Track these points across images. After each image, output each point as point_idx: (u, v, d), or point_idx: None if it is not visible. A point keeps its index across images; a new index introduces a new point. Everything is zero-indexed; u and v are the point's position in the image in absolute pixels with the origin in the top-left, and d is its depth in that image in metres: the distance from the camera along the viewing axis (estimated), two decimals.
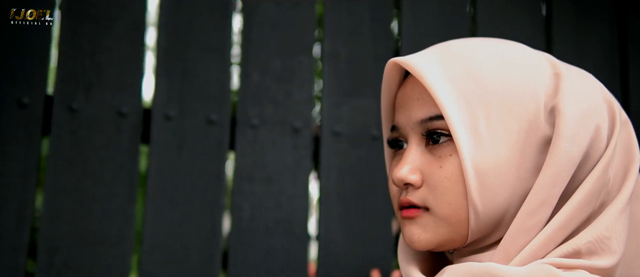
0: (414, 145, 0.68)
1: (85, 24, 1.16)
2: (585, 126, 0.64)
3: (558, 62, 0.67)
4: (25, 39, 1.12)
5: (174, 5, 1.21)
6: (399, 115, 0.70)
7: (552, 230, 0.63)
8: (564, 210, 0.63)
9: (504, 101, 0.64)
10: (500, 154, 0.64)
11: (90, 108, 1.14)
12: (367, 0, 1.31)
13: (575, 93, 0.65)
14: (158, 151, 1.17)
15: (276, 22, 1.26)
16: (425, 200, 0.67)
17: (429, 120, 0.66)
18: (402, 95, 0.71)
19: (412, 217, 0.67)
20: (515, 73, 0.66)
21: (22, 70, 1.11)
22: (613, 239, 0.63)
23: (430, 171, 0.66)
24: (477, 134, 0.64)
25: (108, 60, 1.16)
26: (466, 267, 0.63)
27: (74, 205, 1.10)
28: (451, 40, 0.71)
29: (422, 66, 0.66)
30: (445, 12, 1.34)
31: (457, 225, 0.66)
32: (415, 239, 0.67)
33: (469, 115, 0.64)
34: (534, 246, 0.63)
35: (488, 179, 0.63)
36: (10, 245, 1.06)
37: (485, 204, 0.64)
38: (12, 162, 1.08)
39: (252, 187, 1.20)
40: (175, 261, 1.13)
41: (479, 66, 0.66)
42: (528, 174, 0.64)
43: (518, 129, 0.64)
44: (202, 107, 1.20)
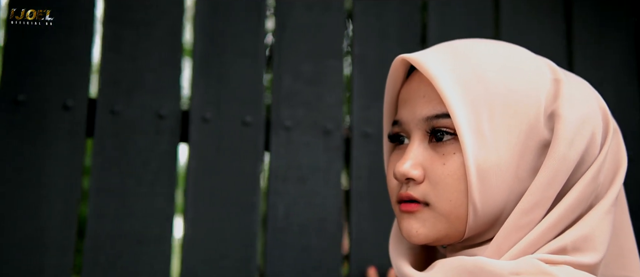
0: (417, 141, 0.70)
1: (125, 28, 1.20)
2: (582, 132, 0.67)
3: (557, 67, 0.71)
4: (69, 44, 1.16)
5: (210, 11, 1.26)
6: (403, 111, 0.73)
7: (543, 229, 0.66)
8: (555, 210, 0.66)
9: (507, 103, 0.67)
10: (501, 154, 0.66)
11: (131, 111, 1.18)
12: (395, 5, 1.36)
13: (574, 99, 0.68)
14: (196, 152, 1.21)
15: (307, 26, 1.31)
16: (426, 195, 0.69)
17: (434, 118, 0.69)
18: (407, 91, 0.73)
19: (411, 211, 0.70)
20: (518, 77, 0.68)
21: (66, 74, 1.16)
22: (597, 238, 0.67)
23: (433, 167, 0.69)
24: (480, 134, 0.66)
25: (147, 64, 1.21)
26: (456, 261, 0.66)
27: (117, 205, 1.15)
28: (456, 40, 0.73)
29: (431, 65, 0.68)
30: (469, 17, 1.39)
31: (456, 221, 0.68)
32: (414, 233, 0.70)
33: (474, 115, 0.67)
34: (524, 243, 0.66)
35: (488, 179, 0.66)
36: (58, 244, 1.10)
37: (484, 202, 0.66)
38: (58, 163, 1.13)
39: (286, 187, 1.24)
40: (214, 258, 1.18)
41: (485, 68, 0.68)
42: (525, 175, 0.67)
43: (519, 131, 0.67)
44: (237, 110, 1.24)
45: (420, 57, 0.70)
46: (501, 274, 0.63)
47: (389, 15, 1.36)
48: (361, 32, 1.34)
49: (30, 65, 1.14)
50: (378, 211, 1.27)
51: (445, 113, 0.68)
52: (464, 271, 0.65)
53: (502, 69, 0.68)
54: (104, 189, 1.15)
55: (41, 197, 1.11)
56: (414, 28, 1.37)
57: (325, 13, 1.32)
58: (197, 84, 1.23)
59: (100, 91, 1.18)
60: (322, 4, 1.32)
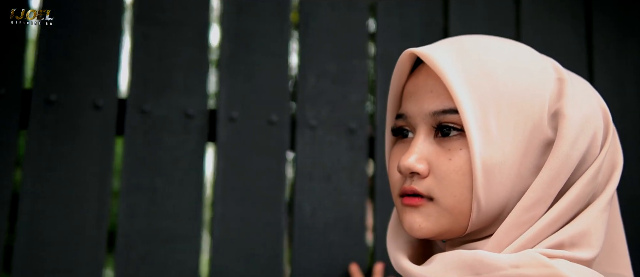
0: (422, 135, 0.71)
1: (154, 28, 1.22)
2: (585, 132, 0.69)
3: (560, 67, 0.72)
4: (99, 45, 1.18)
5: (236, 11, 1.27)
6: (409, 105, 0.73)
7: (543, 225, 0.68)
8: (555, 208, 0.68)
9: (514, 101, 0.68)
10: (506, 152, 0.67)
11: (160, 110, 1.20)
12: (417, 5, 1.38)
13: (577, 99, 0.70)
14: (223, 151, 1.23)
15: (331, 26, 1.33)
16: (430, 190, 0.70)
17: (441, 113, 0.69)
18: (414, 85, 0.73)
19: (415, 205, 0.70)
20: (524, 75, 0.69)
21: (96, 74, 1.17)
22: (593, 235, 0.69)
23: (439, 162, 0.69)
24: (487, 131, 0.67)
25: (176, 63, 1.22)
26: (456, 254, 0.67)
27: (147, 203, 1.17)
28: (463, 36, 0.74)
29: (440, 60, 0.69)
30: (491, 18, 1.41)
31: (459, 216, 0.69)
32: (417, 227, 0.70)
33: (481, 112, 0.67)
34: (524, 239, 0.67)
35: (493, 176, 0.67)
36: (91, 241, 1.12)
37: (488, 198, 0.67)
38: (90, 162, 1.15)
39: (311, 186, 1.26)
40: (242, 256, 1.20)
41: (493, 65, 0.69)
42: (528, 173, 0.68)
43: (524, 129, 0.68)
44: (263, 109, 1.26)
45: (430, 51, 0.70)
46: (502, 267, 0.64)
47: (412, 15, 1.37)
48: (384, 31, 1.36)
49: (62, 65, 1.16)
50: None
51: (453, 109, 0.69)
52: (463, 264, 0.66)
53: (509, 66, 0.69)
54: (134, 187, 1.17)
55: (75, 195, 1.13)
56: (435, 28, 1.39)
57: (349, 13, 1.34)
58: (223, 83, 1.25)
59: (130, 91, 1.20)
60: (346, 4, 1.34)
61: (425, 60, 0.70)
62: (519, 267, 0.64)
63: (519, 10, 1.43)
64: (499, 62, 0.69)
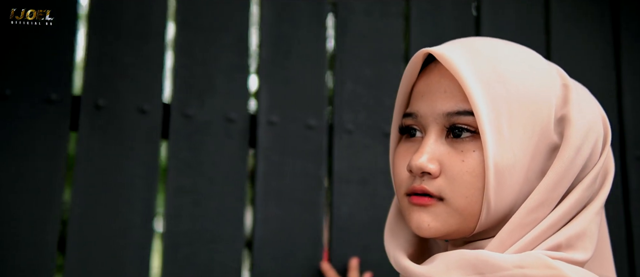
0: (433, 135, 0.71)
1: (196, 34, 1.26)
2: (589, 138, 0.71)
3: (564, 73, 0.73)
4: (144, 51, 1.22)
5: (275, 18, 1.31)
6: (420, 104, 0.73)
7: (545, 227, 0.69)
8: (557, 211, 0.70)
9: (525, 105, 0.69)
10: (516, 155, 0.68)
11: (203, 114, 1.24)
12: (449, 12, 1.41)
13: (582, 105, 0.72)
14: (264, 155, 1.27)
15: (366, 32, 1.37)
16: (441, 190, 0.70)
17: (455, 114, 0.70)
18: (426, 84, 0.74)
19: (424, 205, 0.71)
20: (535, 79, 0.71)
21: (142, 79, 1.21)
22: (588, 237, 0.71)
23: (451, 163, 0.70)
24: (500, 134, 0.68)
25: (217, 69, 1.26)
26: (458, 254, 0.68)
27: (191, 205, 1.21)
28: (474, 38, 0.75)
29: (457, 62, 0.69)
30: (521, 24, 1.44)
31: (469, 218, 0.70)
32: (425, 226, 0.71)
33: (495, 115, 0.68)
34: (527, 240, 0.69)
35: (504, 178, 0.68)
36: (138, 242, 1.17)
37: (497, 200, 0.69)
38: (136, 164, 1.19)
39: (348, 189, 1.30)
40: (282, 256, 1.24)
41: (505, 69, 0.70)
42: (534, 176, 0.70)
43: (532, 133, 0.69)
44: (301, 113, 1.30)
45: (446, 52, 0.71)
46: (506, 267, 0.65)
47: (445, 21, 1.41)
48: (418, 37, 1.39)
49: (109, 71, 1.20)
50: None
51: (467, 110, 0.70)
52: (466, 263, 0.67)
53: (520, 70, 0.71)
54: (179, 189, 1.21)
55: (122, 196, 1.17)
56: (468, 32, 1.42)
57: (384, 19, 1.38)
58: (263, 88, 1.29)
59: (174, 95, 1.24)
60: (381, 10, 1.38)
61: (441, 60, 0.70)
62: (523, 268, 0.65)
63: (549, 17, 1.46)
64: (511, 66, 0.71)
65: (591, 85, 1.42)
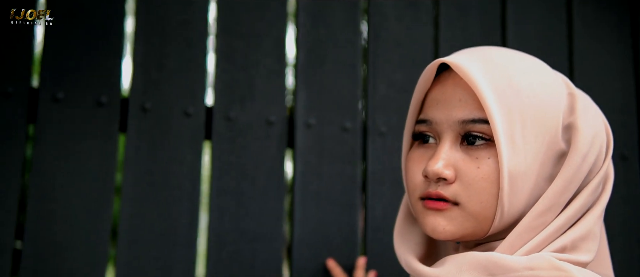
0: (448, 142, 0.74)
1: (237, 40, 1.31)
2: (594, 145, 0.75)
3: (570, 82, 0.78)
4: (188, 55, 1.27)
5: (312, 23, 1.37)
6: (435, 111, 0.76)
7: (553, 230, 0.73)
8: (563, 214, 0.73)
9: (536, 114, 0.72)
10: (528, 162, 0.72)
11: (244, 117, 1.29)
12: (477, 18, 1.47)
13: (588, 114, 0.76)
14: (301, 156, 1.32)
15: (398, 38, 1.42)
16: (457, 195, 0.73)
17: (471, 122, 0.73)
18: (441, 92, 0.77)
19: (440, 209, 0.74)
20: (544, 89, 0.74)
21: (186, 83, 1.26)
22: (591, 239, 0.74)
23: (467, 169, 0.73)
24: (513, 141, 0.71)
25: (257, 73, 1.32)
26: (469, 256, 0.72)
27: (235, 205, 1.26)
28: (486, 47, 0.79)
29: (473, 72, 0.73)
30: (545, 30, 1.50)
31: (483, 221, 0.74)
32: (441, 229, 0.74)
33: (509, 123, 0.72)
34: (535, 242, 0.72)
35: (516, 184, 0.72)
36: (184, 240, 1.21)
37: (510, 205, 0.72)
38: (181, 166, 1.24)
39: (382, 190, 1.36)
40: (320, 255, 1.29)
41: (518, 78, 0.73)
42: (542, 181, 0.73)
43: (543, 140, 0.73)
44: (337, 116, 1.35)
45: (462, 63, 0.74)
46: (516, 268, 0.68)
47: (473, 27, 1.47)
48: (446, 42, 1.45)
49: (155, 75, 1.25)
50: None
51: (482, 119, 0.73)
52: (477, 265, 0.70)
53: (531, 80, 0.74)
54: (222, 190, 1.26)
55: (168, 197, 1.22)
56: (494, 38, 1.48)
57: (414, 25, 1.44)
58: (300, 92, 1.34)
59: (216, 99, 1.29)
60: (412, 17, 1.43)
61: (457, 70, 0.74)
62: (533, 270, 0.68)
63: (571, 23, 1.53)
64: (523, 76, 0.74)
65: (611, 89, 1.48)
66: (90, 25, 1.21)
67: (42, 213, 1.14)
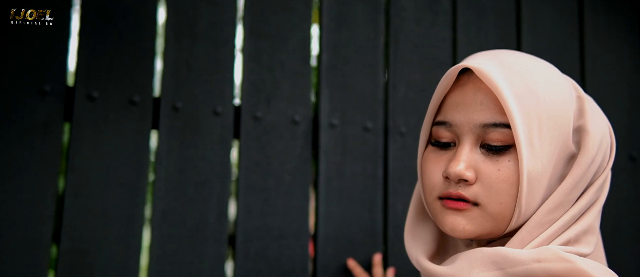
0: (469, 144, 0.77)
1: (264, 41, 1.35)
2: (602, 147, 0.78)
3: (578, 85, 0.81)
4: (216, 56, 1.31)
5: (335, 26, 1.41)
6: (456, 114, 0.78)
7: (560, 225, 0.76)
8: (571, 211, 0.77)
9: (552, 117, 0.75)
10: (545, 164, 0.75)
11: (270, 117, 1.34)
12: (493, 21, 1.52)
13: (596, 116, 0.79)
14: (325, 155, 1.36)
15: (417, 40, 1.47)
16: (477, 196, 0.76)
17: (492, 126, 0.76)
18: (462, 96, 0.79)
19: (460, 209, 0.77)
20: (557, 93, 0.77)
21: (215, 83, 1.30)
22: (590, 233, 0.79)
23: (488, 172, 0.76)
24: (531, 145, 0.74)
25: (283, 74, 1.36)
26: (478, 252, 0.74)
27: (262, 202, 1.30)
28: (500, 51, 0.81)
29: (495, 77, 0.75)
30: (557, 35, 1.56)
31: (501, 221, 0.77)
32: (460, 228, 0.77)
33: (528, 127, 0.74)
34: (544, 237, 0.76)
35: (533, 186, 0.75)
36: (214, 236, 1.26)
37: (528, 205, 0.75)
38: (211, 163, 1.28)
39: (403, 188, 1.40)
40: (344, 252, 1.34)
41: (535, 82, 0.76)
42: (554, 181, 0.77)
43: (557, 143, 0.76)
44: (359, 117, 1.40)
45: (485, 68, 0.76)
46: (525, 261, 0.71)
47: (489, 30, 1.52)
48: (463, 44, 1.50)
49: (185, 75, 1.29)
50: None
51: (503, 122, 0.75)
52: (488, 260, 0.73)
53: (546, 84, 0.77)
54: (250, 187, 1.30)
55: (199, 194, 1.26)
56: (509, 40, 1.53)
57: (433, 27, 1.48)
58: (324, 92, 1.38)
59: (243, 98, 1.33)
60: (431, 19, 1.48)
61: (480, 75, 0.76)
62: (541, 262, 0.71)
63: (583, 25, 1.58)
64: (539, 80, 0.76)
65: (620, 90, 1.54)
66: (123, 27, 1.25)
67: (78, 208, 1.17)
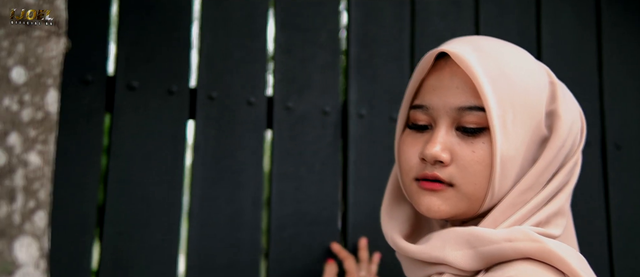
0: (444, 127, 0.79)
1: (295, 34, 1.40)
2: (573, 131, 0.81)
3: (551, 71, 0.83)
4: (250, 47, 1.36)
5: (363, 18, 1.46)
6: (432, 97, 0.81)
7: (532, 207, 0.79)
8: (542, 193, 0.80)
9: (524, 102, 0.78)
10: (517, 146, 0.77)
11: (302, 107, 1.38)
12: (514, 17, 1.57)
13: (567, 101, 0.82)
14: (354, 145, 1.41)
15: (442, 34, 1.52)
16: (452, 177, 0.78)
17: (467, 109, 0.78)
18: (438, 79, 0.81)
19: (435, 189, 0.79)
20: (531, 78, 0.80)
21: (249, 74, 1.35)
22: (560, 216, 0.82)
23: (463, 153, 0.78)
24: (505, 127, 0.77)
25: (314, 65, 1.40)
26: (452, 232, 0.78)
27: (294, 190, 1.35)
28: (477, 37, 0.83)
29: (471, 62, 0.77)
30: (575, 30, 1.61)
31: (475, 202, 0.79)
32: (436, 208, 0.79)
33: (501, 110, 0.77)
34: (516, 217, 0.79)
35: (506, 167, 0.77)
36: (249, 223, 1.30)
37: (500, 186, 0.78)
38: (246, 152, 1.32)
39: None
40: (373, 238, 1.38)
41: (509, 68, 0.79)
42: (526, 164, 0.79)
43: (529, 126, 0.78)
44: (386, 107, 1.45)
45: (460, 52, 0.79)
46: (497, 240, 0.74)
47: (509, 24, 1.57)
48: None
49: (220, 66, 1.33)
50: None
51: (478, 106, 0.78)
52: (460, 239, 0.76)
53: (520, 69, 0.79)
54: (283, 175, 1.34)
55: (235, 182, 1.30)
56: (529, 36, 1.58)
57: (457, 21, 1.53)
58: (352, 84, 1.43)
59: (276, 89, 1.37)
60: (455, 14, 1.53)
61: (457, 60, 0.78)
62: (511, 241, 0.73)
63: (600, 22, 1.63)
64: (513, 65, 0.79)
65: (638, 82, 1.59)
66: (162, 19, 1.29)
67: (120, 194, 1.22)
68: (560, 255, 0.72)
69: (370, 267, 1.29)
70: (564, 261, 0.72)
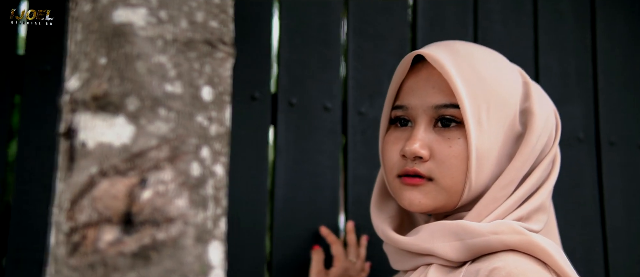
0: (423, 125, 0.84)
1: (366, 41, 1.47)
2: (547, 127, 0.86)
3: (524, 72, 0.89)
4: (325, 56, 1.42)
5: (429, 27, 1.52)
6: (411, 98, 0.86)
7: (513, 201, 0.84)
8: (522, 188, 0.84)
9: (498, 100, 0.83)
10: (492, 142, 0.82)
11: (373, 112, 1.45)
12: (571, 25, 1.64)
13: (541, 99, 0.87)
14: None
15: (502, 40, 1.58)
16: (431, 172, 0.83)
17: (443, 106, 0.83)
18: (416, 81, 0.87)
19: (416, 184, 0.84)
20: (505, 78, 0.85)
21: (325, 81, 1.41)
22: (541, 212, 0.86)
23: (440, 149, 0.83)
24: (480, 124, 0.82)
25: (384, 72, 1.47)
26: (440, 224, 0.82)
27: (368, 193, 1.41)
28: (453, 42, 0.89)
29: (446, 63, 0.83)
30: (629, 40, 1.67)
31: (454, 195, 0.84)
32: (417, 202, 0.84)
33: (476, 108, 0.82)
34: (499, 211, 0.83)
35: (482, 162, 0.82)
36: (328, 224, 1.36)
37: (477, 180, 0.82)
38: (323, 156, 1.39)
39: None
40: None
41: (482, 68, 0.84)
42: (503, 159, 0.84)
43: (504, 123, 0.83)
44: None
45: (436, 54, 0.84)
46: (483, 233, 0.78)
47: (566, 32, 1.63)
48: (544, 44, 1.61)
49: (299, 73, 1.40)
50: (557, 203, 1.55)
51: (453, 103, 0.83)
52: (448, 231, 0.80)
53: (493, 70, 0.84)
54: (358, 178, 1.41)
55: (314, 184, 1.37)
56: (585, 42, 1.65)
57: (517, 28, 1.60)
58: None
59: (349, 95, 1.44)
60: (515, 20, 1.59)
61: (432, 61, 0.84)
62: (497, 234, 0.78)
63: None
64: (486, 66, 0.84)
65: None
66: (243, 31, 1.36)
67: None
68: (543, 247, 0.77)
69: (358, 250, 1.29)
70: (546, 252, 0.77)
